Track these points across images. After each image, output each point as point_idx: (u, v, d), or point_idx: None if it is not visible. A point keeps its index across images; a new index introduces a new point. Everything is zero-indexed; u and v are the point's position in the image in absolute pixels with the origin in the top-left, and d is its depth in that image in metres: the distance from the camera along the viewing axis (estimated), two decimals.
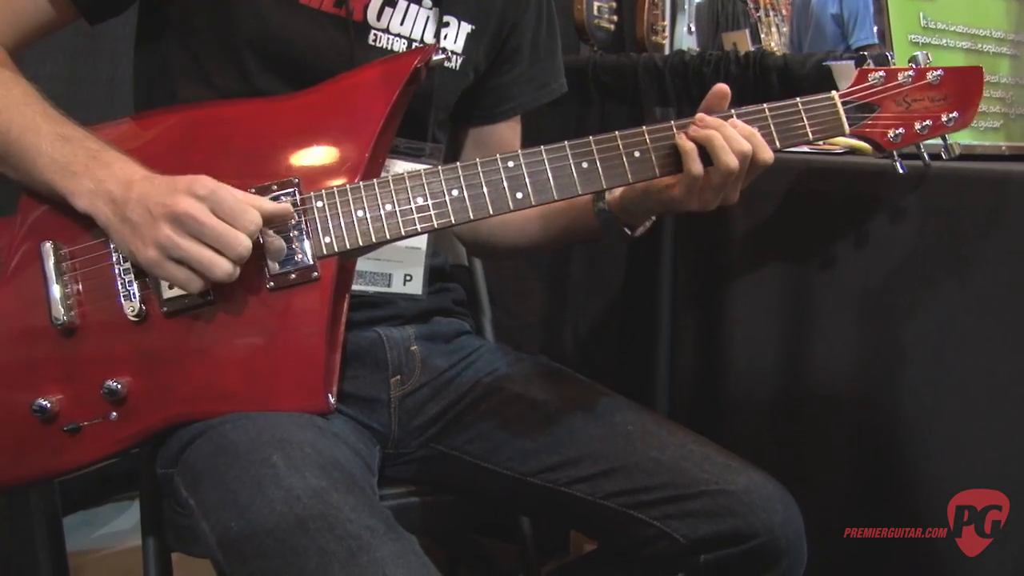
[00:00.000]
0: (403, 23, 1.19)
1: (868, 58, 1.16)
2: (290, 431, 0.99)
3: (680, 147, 1.05)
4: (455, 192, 1.05)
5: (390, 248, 1.18)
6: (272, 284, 1.03)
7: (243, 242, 0.97)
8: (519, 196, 1.06)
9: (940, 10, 1.29)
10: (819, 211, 1.35)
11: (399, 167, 1.18)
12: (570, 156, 1.06)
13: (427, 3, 1.20)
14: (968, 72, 1.13)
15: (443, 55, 1.19)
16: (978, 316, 1.19)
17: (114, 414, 1.04)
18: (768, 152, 1.06)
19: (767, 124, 1.08)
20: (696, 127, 1.05)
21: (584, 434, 1.14)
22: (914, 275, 1.25)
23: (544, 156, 1.06)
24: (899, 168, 1.13)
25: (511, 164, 1.06)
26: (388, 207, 1.04)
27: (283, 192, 1.04)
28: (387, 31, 1.18)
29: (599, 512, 1.11)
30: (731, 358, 1.45)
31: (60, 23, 1.13)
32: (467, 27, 1.24)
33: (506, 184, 1.05)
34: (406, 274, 1.24)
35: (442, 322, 1.27)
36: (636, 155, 1.07)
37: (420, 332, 1.23)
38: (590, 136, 1.07)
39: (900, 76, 1.11)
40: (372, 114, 1.07)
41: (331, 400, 1.05)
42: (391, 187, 1.05)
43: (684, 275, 1.54)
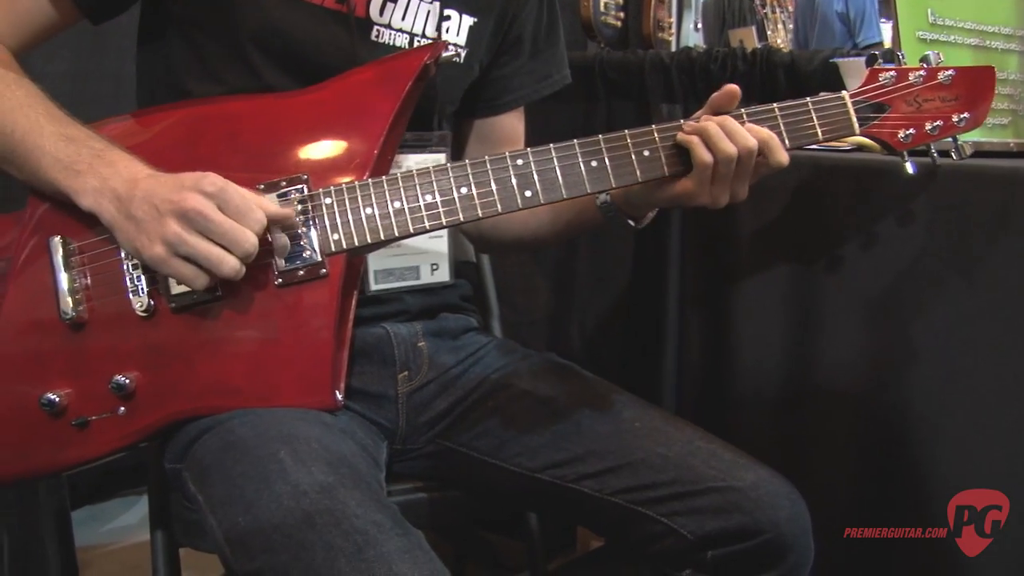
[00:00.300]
0: (404, 18, 1.18)
1: (879, 57, 1.15)
2: (297, 427, 0.99)
3: (683, 141, 1.06)
4: (464, 190, 1.05)
5: (412, 240, 1.18)
6: (280, 280, 1.03)
7: (250, 239, 0.97)
8: (528, 194, 1.06)
9: (948, 6, 1.28)
10: (826, 208, 1.34)
11: (408, 162, 1.18)
12: (579, 154, 1.06)
13: None
14: (979, 72, 1.13)
15: (453, 51, 1.19)
16: (986, 315, 1.19)
17: (122, 409, 1.04)
18: (783, 155, 1.07)
19: (777, 123, 1.08)
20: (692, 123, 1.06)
21: (591, 430, 1.14)
22: (921, 273, 1.24)
23: (553, 154, 1.06)
24: (909, 168, 1.13)
25: (520, 162, 1.06)
26: (397, 204, 1.04)
27: (292, 188, 1.04)
28: (389, 26, 1.18)
29: (606, 508, 1.11)
30: (738, 356, 1.45)
31: (63, 24, 1.13)
32: (469, 20, 1.24)
33: (515, 182, 1.05)
34: (432, 264, 1.25)
35: (449, 318, 1.27)
36: (645, 154, 1.07)
37: (427, 328, 1.23)
38: (599, 135, 1.07)
39: (911, 76, 1.11)
40: (381, 111, 1.08)
41: (338, 397, 1.05)
42: (400, 184, 1.05)
43: (691, 272, 1.54)
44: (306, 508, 0.88)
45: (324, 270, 1.03)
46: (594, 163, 1.06)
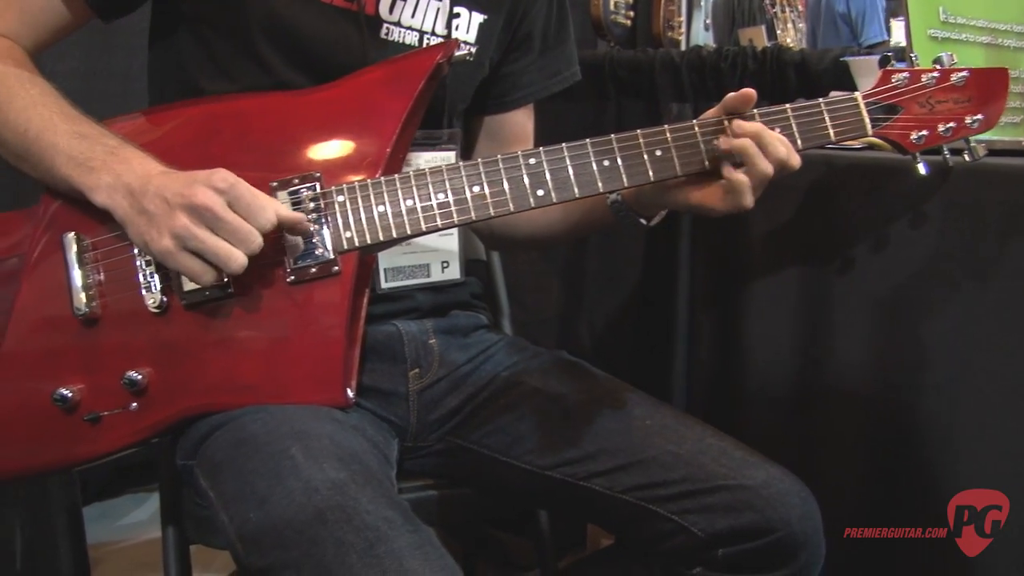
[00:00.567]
0: (414, 15, 1.18)
1: (892, 58, 1.15)
2: (309, 423, 0.99)
3: (738, 148, 1.05)
4: (476, 188, 1.05)
5: (423, 238, 1.18)
6: (292, 278, 1.03)
7: (256, 239, 0.97)
8: (540, 193, 1.05)
9: (960, 4, 1.27)
10: (838, 208, 1.34)
11: (418, 160, 1.18)
12: (592, 154, 1.06)
13: None
14: (993, 74, 1.12)
15: (465, 50, 1.19)
16: (997, 315, 1.18)
17: (134, 404, 1.04)
18: (796, 159, 1.06)
19: (789, 124, 1.08)
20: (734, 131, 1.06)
21: (602, 428, 1.14)
22: (933, 273, 1.24)
23: (566, 153, 1.06)
24: (921, 169, 1.13)
25: (532, 161, 1.06)
26: (409, 203, 1.04)
27: (305, 186, 1.04)
28: (399, 24, 1.18)
29: (617, 506, 1.11)
30: (748, 355, 1.45)
31: (76, 24, 1.14)
32: (479, 17, 1.24)
33: (527, 181, 1.05)
34: (443, 261, 1.25)
35: (460, 316, 1.27)
36: (658, 154, 1.07)
37: (438, 326, 1.23)
38: (612, 134, 1.06)
39: (924, 77, 1.10)
40: (394, 109, 1.08)
41: (350, 394, 1.05)
42: (412, 183, 1.05)
43: (702, 271, 1.54)
44: (318, 504, 0.88)
45: (336, 268, 1.03)
46: (606, 162, 1.06)
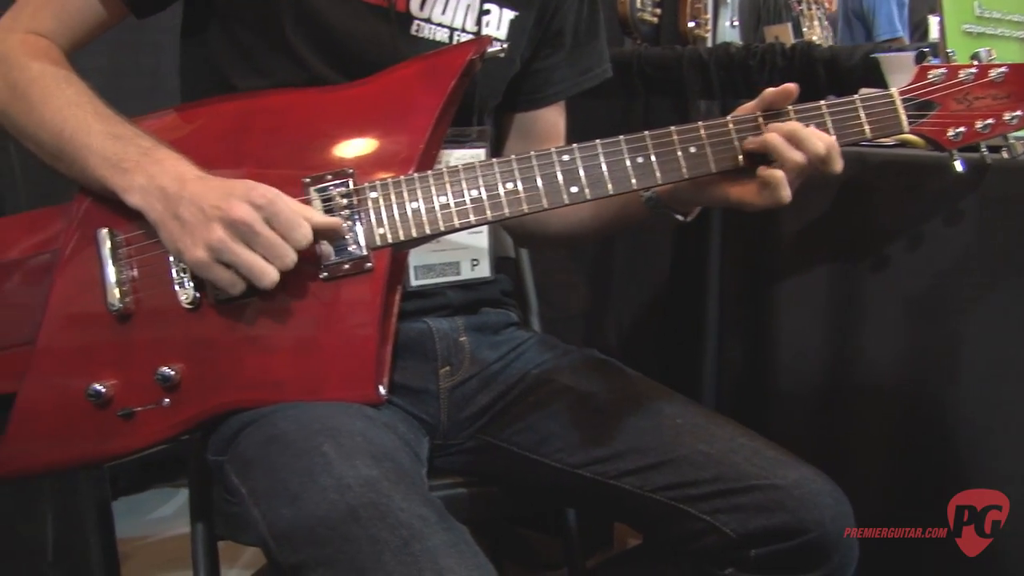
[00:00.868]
0: (445, 12, 1.18)
1: (928, 54, 1.14)
2: (341, 420, 0.99)
3: (770, 143, 1.04)
4: (509, 185, 1.05)
5: (453, 236, 1.18)
6: (325, 274, 1.03)
7: (291, 255, 0.98)
8: (574, 190, 1.05)
9: None
10: (871, 205, 1.33)
11: (447, 157, 1.18)
12: (625, 151, 1.06)
13: None
14: None
15: (498, 47, 1.19)
16: None
17: (167, 400, 1.05)
18: (838, 162, 1.06)
19: (824, 121, 1.07)
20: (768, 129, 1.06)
21: (633, 427, 1.13)
22: (967, 271, 1.23)
23: (600, 150, 1.06)
24: (958, 166, 1.11)
25: (566, 158, 1.05)
26: (442, 199, 1.04)
27: (338, 182, 1.04)
28: (429, 21, 1.17)
29: (647, 505, 1.10)
30: (778, 354, 1.44)
31: (111, 21, 1.15)
32: (510, 13, 1.23)
33: (561, 178, 1.05)
34: (472, 259, 1.24)
35: (490, 313, 1.27)
36: (692, 151, 1.06)
37: (469, 323, 1.23)
38: (645, 131, 1.06)
39: (961, 73, 1.09)
40: (427, 106, 1.07)
41: (382, 391, 1.05)
42: (446, 179, 1.05)
43: (732, 269, 1.53)
44: (351, 502, 0.88)
45: (369, 264, 1.03)
46: (640, 159, 1.06)
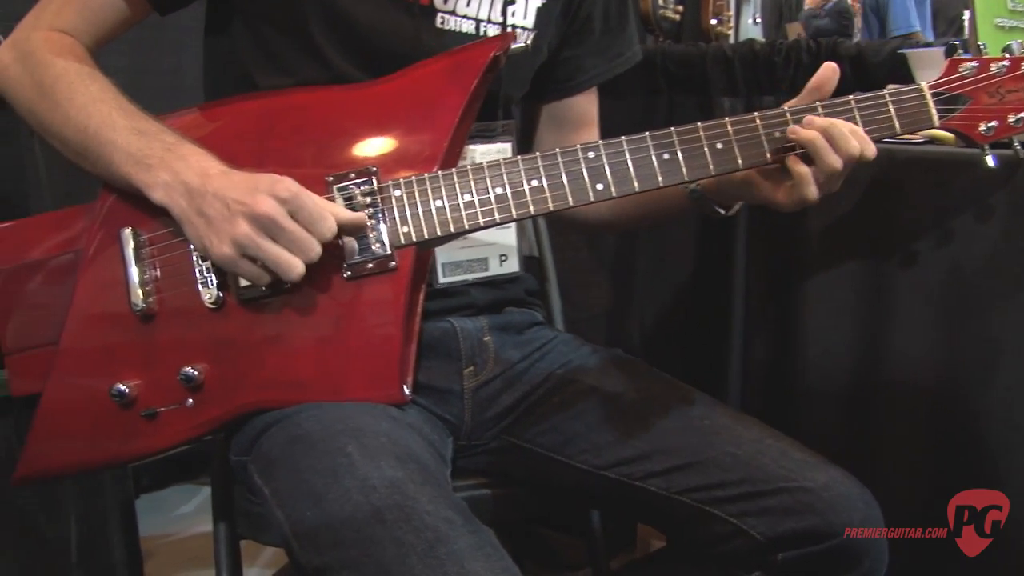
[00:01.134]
0: (469, 4, 1.17)
1: (958, 47, 1.12)
2: (365, 421, 0.98)
3: (806, 140, 1.03)
4: (534, 182, 1.04)
5: (480, 233, 1.17)
6: (349, 273, 1.03)
7: (316, 248, 0.98)
8: (599, 187, 1.04)
9: None
10: (899, 202, 1.31)
11: (474, 154, 1.17)
12: (651, 147, 1.05)
13: None
14: None
15: (523, 44, 1.18)
16: None
17: (190, 400, 1.04)
18: (871, 149, 1.04)
19: (853, 116, 1.06)
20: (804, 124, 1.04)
21: (658, 428, 1.12)
22: (998, 268, 1.21)
23: (625, 147, 1.04)
24: (990, 162, 1.09)
25: (591, 155, 1.04)
26: (467, 197, 1.04)
27: (361, 180, 1.03)
28: (454, 13, 1.16)
29: (673, 507, 1.09)
30: (805, 352, 1.43)
31: (135, 19, 1.15)
32: (536, 1, 1.22)
33: (586, 175, 1.04)
34: (501, 255, 1.24)
35: (515, 312, 1.26)
36: (719, 147, 1.05)
37: (493, 323, 1.22)
38: (672, 127, 1.05)
39: (993, 66, 1.07)
40: (451, 103, 1.07)
41: (406, 391, 1.05)
42: (470, 177, 1.04)
43: (758, 267, 1.52)
44: (375, 504, 0.87)
45: (393, 263, 1.03)
46: (666, 156, 1.05)
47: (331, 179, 1.03)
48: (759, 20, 3.46)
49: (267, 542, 1.23)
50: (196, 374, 1.03)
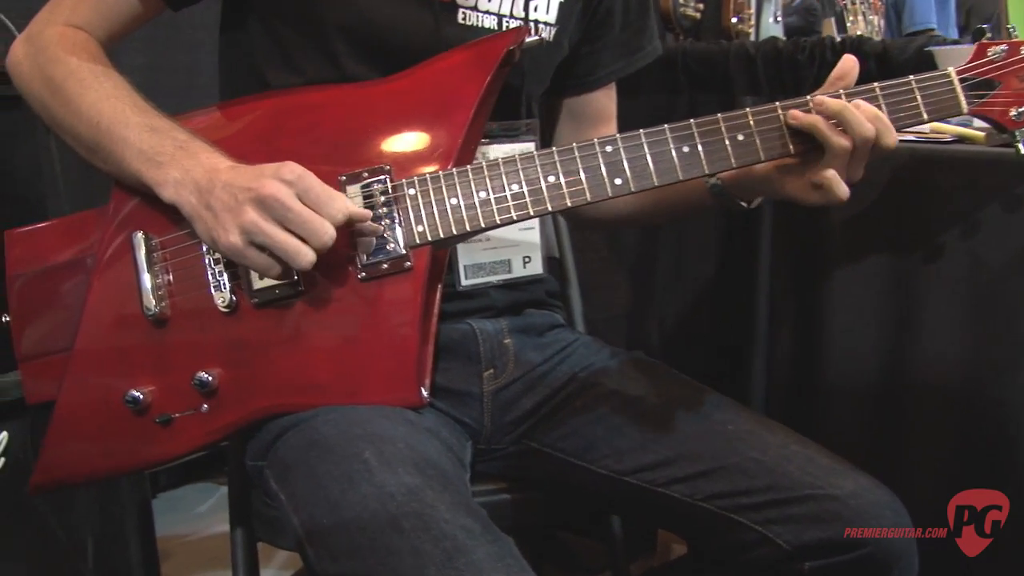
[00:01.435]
0: None
1: (987, 31, 1.09)
2: (382, 426, 0.97)
3: (807, 124, 1.01)
4: (551, 178, 1.02)
5: (502, 232, 1.16)
6: (364, 274, 1.01)
7: (328, 231, 0.95)
8: (618, 182, 1.02)
9: None
10: (924, 201, 1.30)
11: (495, 152, 1.15)
12: (670, 140, 1.02)
13: None
14: None
15: (538, 38, 1.16)
16: None
17: (205, 406, 1.03)
18: (892, 136, 1.01)
19: (878, 104, 1.03)
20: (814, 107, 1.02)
21: (682, 433, 1.10)
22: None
23: (643, 140, 1.02)
24: (1023, 148, 1.06)
25: (609, 149, 1.02)
26: (483, 194, 1.02)
27: (374, 179, 1.02)
28: (475, 8, 1.14)
29: (697, 514, 1.07)
30: (831, 352, 1.41)
31: (148, 15, 1.14)
32: None
33: (604, 169, 1.02)
34: (524, 256, 1.22)
35: (535, 314, 1.24)
36: (739, 138, 1.03)
37: (513, 325, 1.20)
38: (691, 119, 1.03)
39: None
40: (464, 99, 1.05)
41: (424, 394, 1.03)
42: (485, 174, 1.02)
43: (783, 267, 1.51)
44: (393, 512, 0.85)
45: (409, 263, 1.01)
46: (686, 148, 1.02)
47: (344, 178, 1.02)
48: (780, 18, 3.43)
49: (283, 547, 1.23)
50: (210, 379, 1.02)
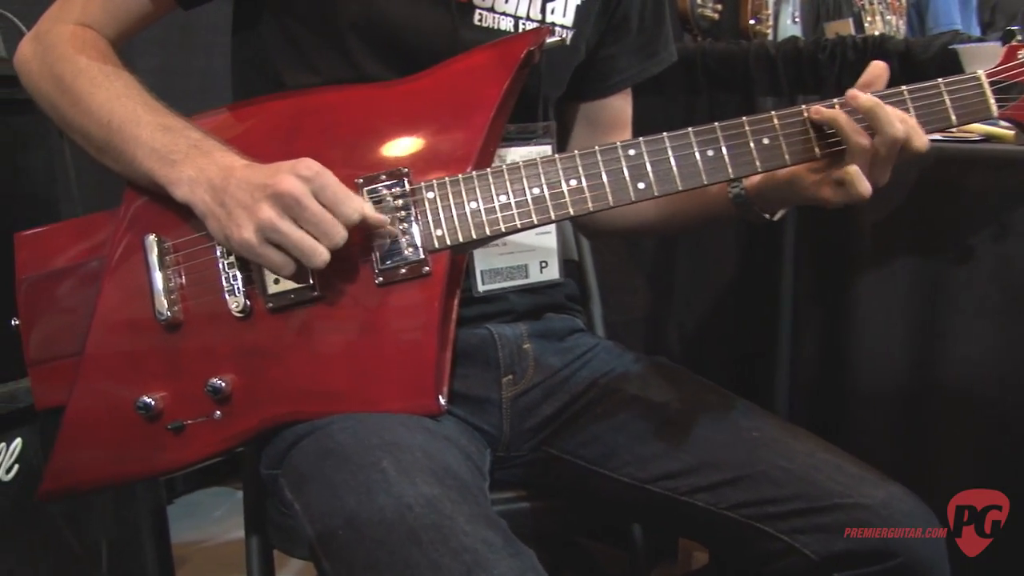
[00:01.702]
0: (508, 0, 1.14)
1: (1016, 33, 1.07)
2: (400, 434, 0.95)
3: (829, 119, 0.99)
4: (573, 182, 1.00)
5: (519, 237, 1.14)
6: (381, 279, 0.99)
7: (340, 231, 0.94)
8: (641, 186, 1.00)
9: None
10: (952, 202, 1.28)
11: (512, 156, 1.13)
12: (695, 143, 1.00)
13: None
14: None
15: (558, 38, 1.14)
16: None
17: (218, 413, 1.02)
18: (923, 139, 0.99)
19: (907, 108, 1.01)
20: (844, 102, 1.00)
21: (706, 440, 1.08)
22: None
23: (667, 143, 1.00)
24: None
25: (632, 152, 1.00)
26: (503, 198, 1.00)
27: (392, 182, 1.00)
28: (492, 9, 1.13)
29: (721, 523, 1.05)
30: (857, 356, 1.40)
31: (158, 13, 1.13)
32: None
33: (627, 173, 1.00)
34: (541, 261, 1.20)
35: (555, 319, 1.22)
36: (765, 142, 1.01)
37: (533, 329, 1.18)
38: (716, 123, 1.01)
39: None
40: (484, 101, 1.03)
41: (442, 401, 1.01)
42: (505, 177, 1.00)
43: (807, 270, 1.49)
44: (411, 523, 0.83)
45: (427, 268, 0.99)
46: (710, 152, 1.00)
47: (361, 181, 1.00)
48: (798, 19, 3.41)
49: (299, 556, 1.20)
50: (223, 385, 1.00)
